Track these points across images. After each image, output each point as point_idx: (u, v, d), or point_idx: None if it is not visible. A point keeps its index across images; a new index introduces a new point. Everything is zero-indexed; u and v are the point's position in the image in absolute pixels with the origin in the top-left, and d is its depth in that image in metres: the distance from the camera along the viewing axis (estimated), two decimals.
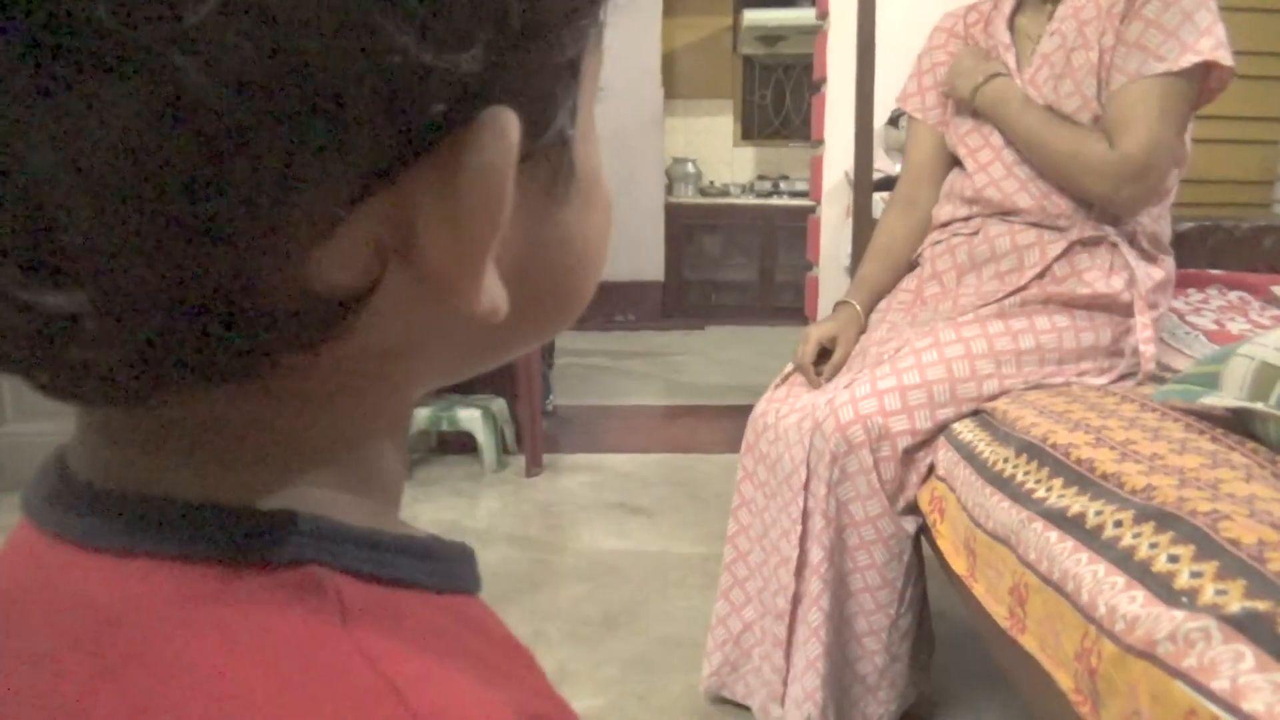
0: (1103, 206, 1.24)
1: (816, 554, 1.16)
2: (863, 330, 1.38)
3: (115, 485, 0.22)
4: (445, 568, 0.25)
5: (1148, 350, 1.21)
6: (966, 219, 1.35)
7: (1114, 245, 1.25)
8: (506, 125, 0.19)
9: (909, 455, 1.17)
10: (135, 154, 0.16)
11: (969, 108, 1.33)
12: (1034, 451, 0.98)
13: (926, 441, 1.18)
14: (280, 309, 0.19)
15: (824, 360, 1.33)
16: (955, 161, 1.43)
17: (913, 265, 1.43)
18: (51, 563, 0.21)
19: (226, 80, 0.15)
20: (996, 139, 1.31)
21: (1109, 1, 1.21)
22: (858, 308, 1.38)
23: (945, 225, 1.38)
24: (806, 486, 1.16)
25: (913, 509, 1.19)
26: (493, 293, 0.21)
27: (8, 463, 2.15)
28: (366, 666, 0.19)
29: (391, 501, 0.27)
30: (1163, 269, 1.29)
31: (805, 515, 1.16)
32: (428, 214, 0.19)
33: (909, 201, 1.45)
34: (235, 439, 0.22)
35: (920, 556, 1.22)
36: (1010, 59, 1.31)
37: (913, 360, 1.19)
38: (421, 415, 2.39)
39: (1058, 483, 0.90)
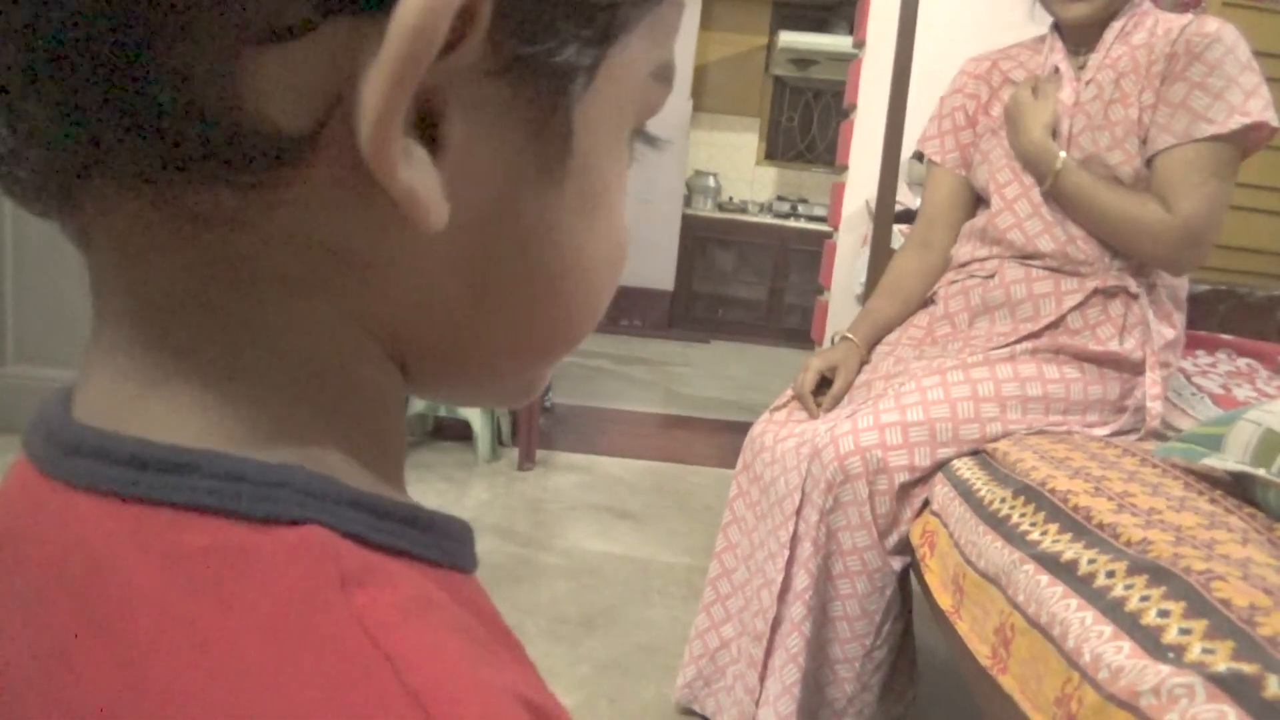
0: (1150, 267, 1.24)
1: (802, 580, 1.15)
2: (864, 363, 1.37)
3: (115, 427, 0.21)
4: (446, 543, 0.24)
5: (1155, 407, 1.21)
6: (984, 260, 1.35)
7: (1133, 297, 1.24)
8: None
9: (905, 490, 1.16)
10: None
11: (1015, 145, 1.31)
12: (1031, 495, 0.98)
13: (924, 478, 1.17)
14: (210, 123, 0.19)
15: (823, 390, 1.33)
16: (974, 204, 1.43)
17: (927, 303, 1.43)
18: (49, 503, 0.21)
19: None
20: (1029, 177, 1.30)
21: (1147, 59, 1.21)
22: (858, 342, 1.38)
23: (963, 266, 1.38)
24: (799, 512, 1.16)
25: (903, 547, 1.18)
26: (417, 183, 0.19)
27: (8, 405, 2.15)
28: (363, 636, 0.18)
29: (394, 466, 0.26)
30: (1174, 328, 1.29)
31: (794, 540, 1.16)
32: (369, 60, 0.18)
33: (924, 244, 1.45)
34: (208, 344, 0.21)
35: (907, 594, 1.21)
36: (1067, 93, 1.28)
37: (918, 397, 1.19)
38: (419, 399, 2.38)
39: (1053, 527, 0.90)
